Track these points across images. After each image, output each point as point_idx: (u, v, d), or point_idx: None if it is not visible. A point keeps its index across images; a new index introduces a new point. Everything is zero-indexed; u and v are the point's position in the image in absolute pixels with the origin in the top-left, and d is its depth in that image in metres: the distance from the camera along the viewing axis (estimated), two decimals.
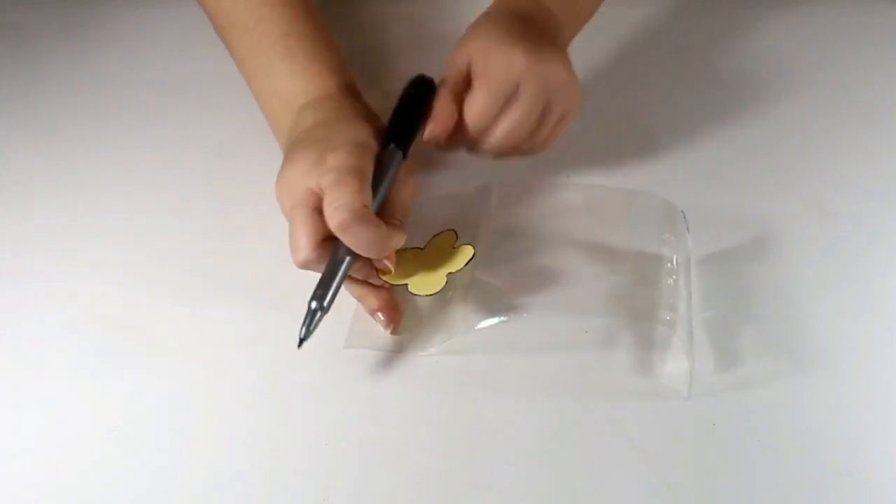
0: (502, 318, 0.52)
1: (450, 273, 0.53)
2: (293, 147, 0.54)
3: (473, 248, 0.54)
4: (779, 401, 0.50)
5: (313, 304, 0.49)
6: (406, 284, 0.53)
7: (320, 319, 0.49)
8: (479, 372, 0.51)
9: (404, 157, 0.55)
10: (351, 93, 0.59)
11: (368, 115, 0.57)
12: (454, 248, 0.55)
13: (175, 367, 0.51)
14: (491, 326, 0.52)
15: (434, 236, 0.56)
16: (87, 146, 0.68)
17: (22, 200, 0.63)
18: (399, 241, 0.51)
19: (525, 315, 0.53)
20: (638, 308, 0.53)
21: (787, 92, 0.74)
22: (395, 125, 0.57)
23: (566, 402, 0.50)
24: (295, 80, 0.58)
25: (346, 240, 0.49)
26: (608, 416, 0.49)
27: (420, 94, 0.59)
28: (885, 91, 0.75)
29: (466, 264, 0.53)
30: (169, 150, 0.67)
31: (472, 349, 0.52)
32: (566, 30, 0.62)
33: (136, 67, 0.76)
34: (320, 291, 0.49)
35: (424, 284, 0.53)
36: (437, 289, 0.52)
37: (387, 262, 0.52)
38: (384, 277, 0.53)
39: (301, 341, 0.49)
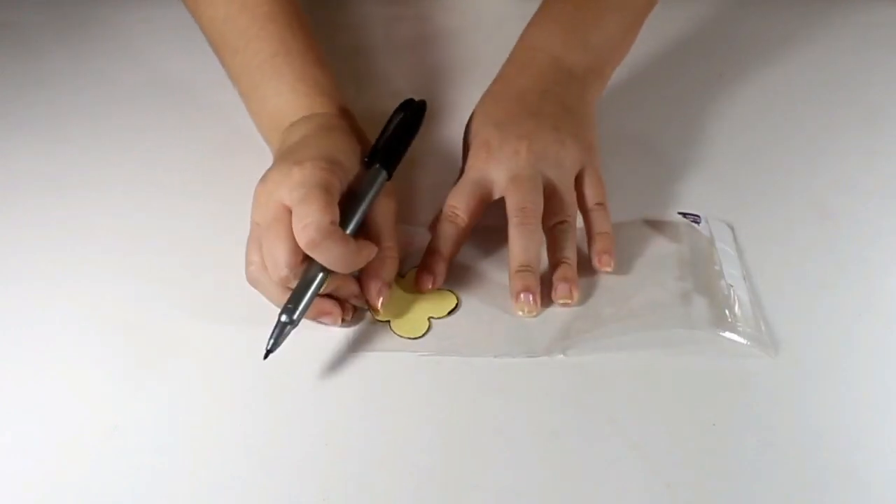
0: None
1: (431, 317, 0.54)
2: (273, 162, 0.54)
3: (457, 296, 0.55)
4: (779, 401, 0.50)
5: (283, 318, 0.49)
6: (388, 322, 0.54)
7: (289, 333, 0.50)
8: (479, 372, 0.51)
9: (389, 177, 0.55)
10: (341, 113, 0.58)
11: (355, 134, 0.56)
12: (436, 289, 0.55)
13: (175, 367, 0.51)
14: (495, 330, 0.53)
15: (414, 268, 0.56)
16: (87, 146, 0.68)
17: (21, 200, 0.63)
18: (369, 254, 0.51)
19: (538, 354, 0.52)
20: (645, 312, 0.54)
21: (787, 93, 0.74)
22: (382, 145, 0.56)
23: (566, 402, 0.50)
24: (283, 100, 0.57)
25: (316, 257, 0.49)
26: (608, 416, 0.49)
27: (410, 116, 0.59)
28: (886, 91, 0.75)
29: (449, 314, 0.54)
30: (169, 149, 0.67)
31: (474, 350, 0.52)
32: (591, 85, 0.61)
33: (136, 67, 0.76)
34: (290, 305, 0.49)
35: (407, 325, 0.53)
36: (420, 333, 0.53)
37: (378, 304, 0.52)
38: (373, 316, 0.54)
39: (267, 353, 0.49)
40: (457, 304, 0.55)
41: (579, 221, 0.57)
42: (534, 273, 0.53)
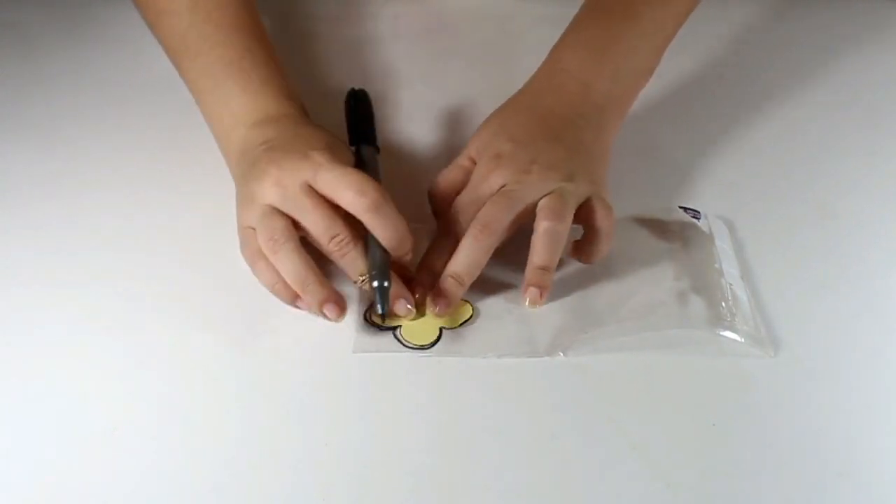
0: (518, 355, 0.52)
1: (443, 327, 0.53)
2: (256, 164, 0.54)
3: (473, 306, 0.54)
4: (779, 401, 0.50)
5: (384, 283, 0.51)
6: (398, 327, 0.53)
7: (388, 295, 0.52)
8: (479, 372, 0.51)
9: (378, 151, 0.60)
10: (305, 115, 0.59)
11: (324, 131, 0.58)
12: None
13: (175, 367, 0.51)
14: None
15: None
16: (87, 146, 0.68)
17: (21, 200, 0.63)
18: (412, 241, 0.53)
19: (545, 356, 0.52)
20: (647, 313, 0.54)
21: (787, 93, 0.74)
22: (356, 130, 0.62)
23: (566, 402, 0.50)
24: (248, 98, 0.58)
25: (377, 221, 0.50)
26: (608, 416, 0.49)
27: (359, 102, 0.66)
28: (886, 91, 0.75)
29: (462, 323, 0.53)
30: (169, 149, 0.67)
31: (474, 350, 0.52)
32: (611, 121, 0.60)
33: (136, 67, 0.76)
34: (376, 271, 0.51)
35: (416, 332, 0.53)
36: (430, 340, 0.52)
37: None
38: (375, 319, 0.53)
39: (383, 316, 0.52)
40: (471, 316, 0.54)
41: None
42: (550, 274, 0.53)
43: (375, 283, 0.51)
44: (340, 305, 0.51)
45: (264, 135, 0.55)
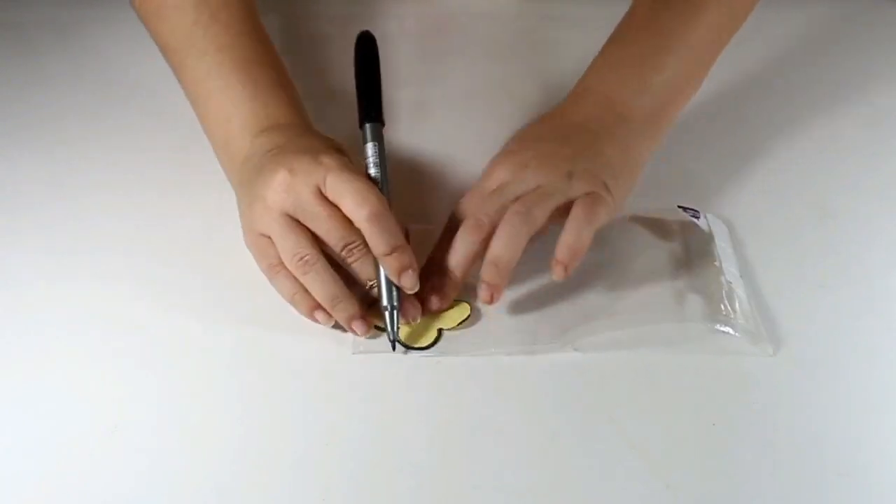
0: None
1: (442, 329, 0.53)
2: (262, 169, 0.53)
3: (470, 305, 0.54)
4: (779, 401, 0.50)
5: (390, 307, 0.51)
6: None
7: (398, 317, 0.52)
8: (479, 372, 0.51)
9: (383, 124, 0.58)
10: (310, 125, 0.59)
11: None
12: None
13: (175, 366, 0.51)
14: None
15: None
16: (86, 146, 0.68)
17: (21, 200, 0.63)
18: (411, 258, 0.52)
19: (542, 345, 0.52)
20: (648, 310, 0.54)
21: (787, 92, 0.74)
22: (363, 98, 0.59)
23: (566, 401, 0.50)
24: (257, 105, 0.57)
25: (376, 231, 0.50)
26: (608, 416, 0.49)
27: (364, 57, 0.62)
28: (886, 91, 0.75)
29: (460, 323, 0.53)
30: (169, 149, 0.67)
31: (474, 350, 0.52)
32: (643, 133, 0.59)
33: (135, 67, 0.76)
34: (385, 294, 0.51)
35: (416, 333, 0.53)
36: (428, 342, 0.52)
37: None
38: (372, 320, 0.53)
39: (393, 343, 0.52)
40: (469, 316, 0.54)
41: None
42: (503, 272, 0.51)
43: (385, 305, 0.51)
44: (367, 322, 0.52)
45: (273, 141, 0.55)
